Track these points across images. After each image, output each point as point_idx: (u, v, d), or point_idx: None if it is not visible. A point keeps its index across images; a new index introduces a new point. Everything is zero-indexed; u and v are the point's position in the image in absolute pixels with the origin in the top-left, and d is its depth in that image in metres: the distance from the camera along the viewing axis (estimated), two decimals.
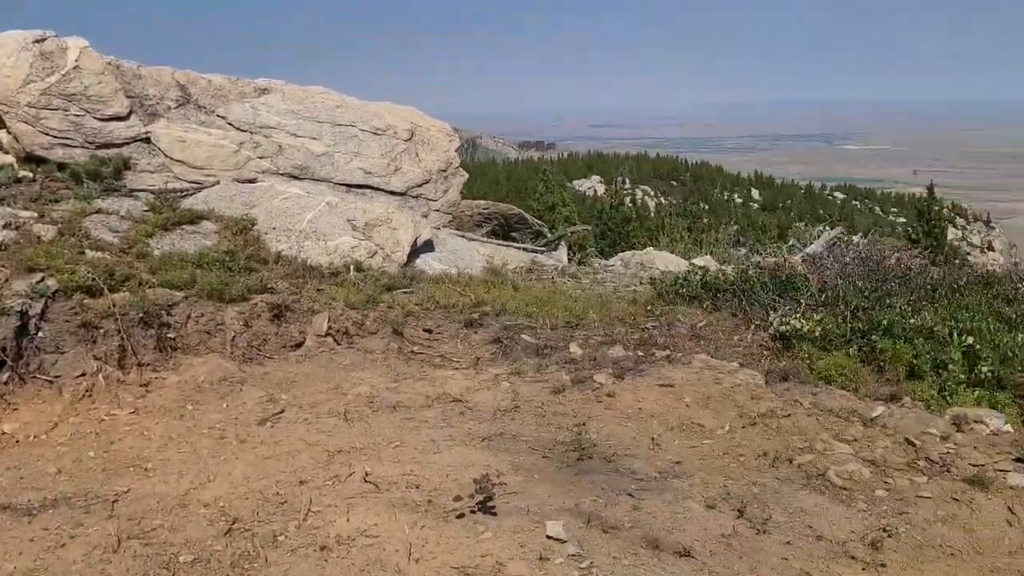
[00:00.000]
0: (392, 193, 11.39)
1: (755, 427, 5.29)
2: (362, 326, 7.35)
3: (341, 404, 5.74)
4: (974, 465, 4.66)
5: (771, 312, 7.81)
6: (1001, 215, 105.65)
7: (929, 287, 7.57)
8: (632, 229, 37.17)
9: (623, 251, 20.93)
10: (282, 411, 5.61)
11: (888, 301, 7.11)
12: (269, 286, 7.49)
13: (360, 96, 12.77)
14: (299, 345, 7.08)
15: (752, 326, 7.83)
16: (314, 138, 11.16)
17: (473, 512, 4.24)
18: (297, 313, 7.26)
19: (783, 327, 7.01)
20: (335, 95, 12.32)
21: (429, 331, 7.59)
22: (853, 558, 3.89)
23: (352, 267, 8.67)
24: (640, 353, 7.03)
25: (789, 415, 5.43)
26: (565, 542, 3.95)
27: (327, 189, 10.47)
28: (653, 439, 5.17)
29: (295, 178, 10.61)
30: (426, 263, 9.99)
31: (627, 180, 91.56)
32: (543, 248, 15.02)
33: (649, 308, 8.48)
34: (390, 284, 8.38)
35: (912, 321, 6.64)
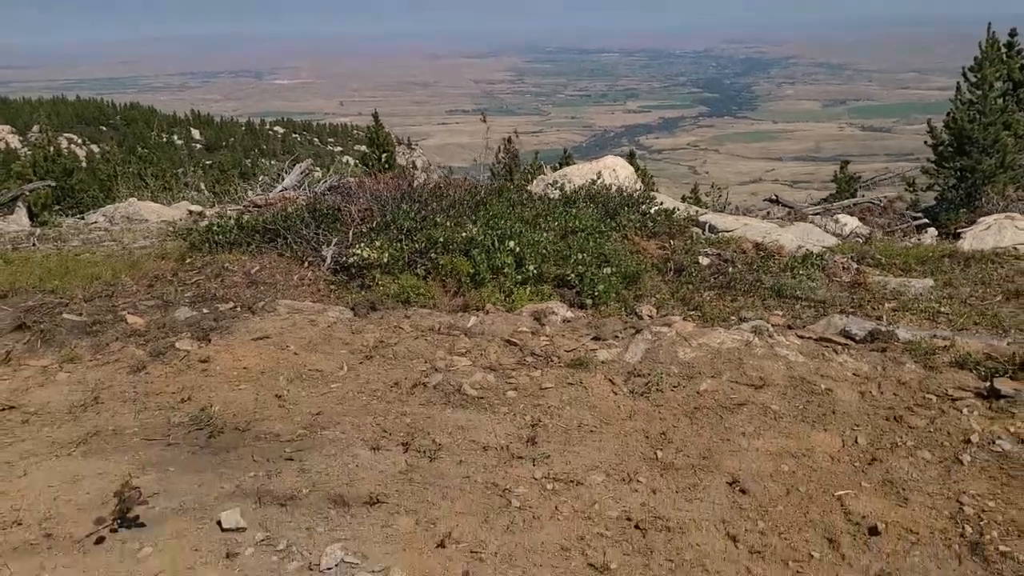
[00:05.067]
0: None
1: (373, 360, 5.21)
2: None
3: None
4: (568, 351, 5.26)
5: (322, 247, 7.70)
6: (417, 137, 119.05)
7: (459, 202, 8.17)
8: (77, 182, 33.01)
9: (71, 207, 18.66)
10: None
11: (434, 220, 7.51)
12: None
13: None
14: None
15: (306, 263, 7.64)
16: None
17: (114, 531, 3.47)
18: None
19: (352, 258, 6.97)
20: None
21: None
22: (521, 458, 4.13)
23: None
24: (206, 310, 6.38)
25: (398, 342, 5.46)
26: (246, 529, 3.48)
27: None
28: (278, 396, 4.77)
29: None
30: None
31: (48, 128, 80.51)
32: None
33: (188, 260, 7.72)
34: None
35: (462, 235, 7.13)
